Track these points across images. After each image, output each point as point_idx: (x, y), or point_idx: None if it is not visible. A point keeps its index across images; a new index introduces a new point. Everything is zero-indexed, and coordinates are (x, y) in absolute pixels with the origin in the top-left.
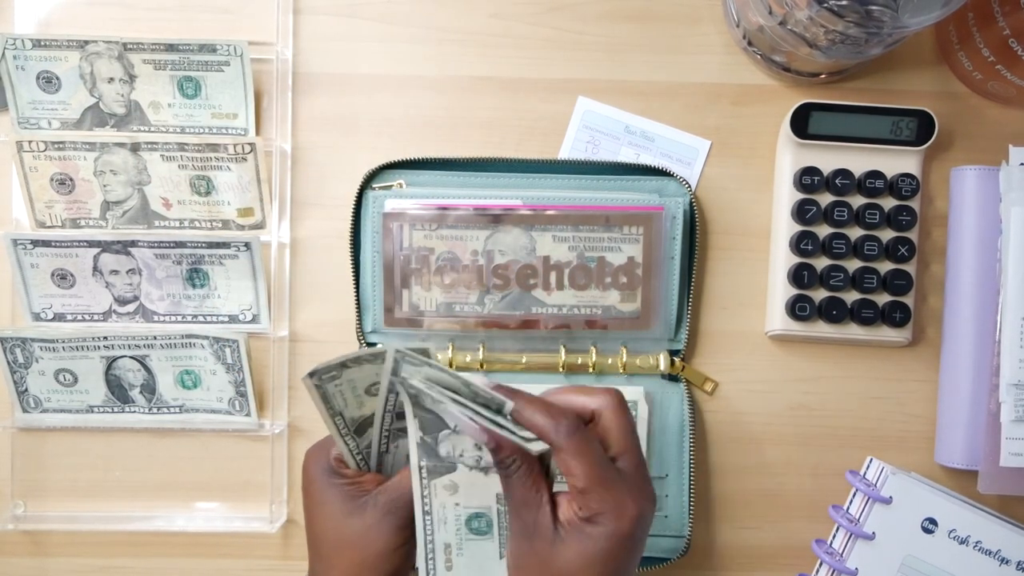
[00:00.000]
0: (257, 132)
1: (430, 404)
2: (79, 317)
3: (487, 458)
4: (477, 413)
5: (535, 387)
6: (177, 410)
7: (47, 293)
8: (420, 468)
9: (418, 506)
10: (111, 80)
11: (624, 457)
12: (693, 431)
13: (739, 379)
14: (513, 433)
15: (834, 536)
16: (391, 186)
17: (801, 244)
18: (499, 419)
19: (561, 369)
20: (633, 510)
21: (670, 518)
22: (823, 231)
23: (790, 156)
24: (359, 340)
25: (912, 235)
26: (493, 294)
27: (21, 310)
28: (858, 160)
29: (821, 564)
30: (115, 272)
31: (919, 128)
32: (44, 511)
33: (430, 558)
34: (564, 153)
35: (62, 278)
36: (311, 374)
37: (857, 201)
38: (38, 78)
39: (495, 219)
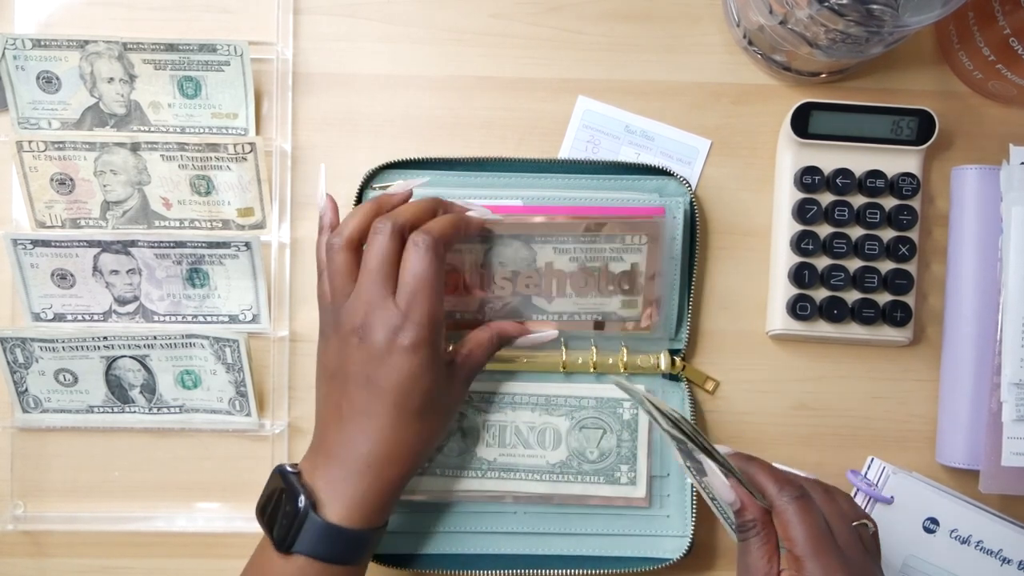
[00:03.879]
0: (257, 132)
1: (687, 448)
2: (79, 317)
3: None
4: (726, 468)
5: (536, 385)
6: (177, 410)
7: (47, 293)
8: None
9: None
10: (111, 80)
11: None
12: None
13: (740, 379)
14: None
15: None
16: (391, 186)
17: (802, 244)
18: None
19: (562, 368)
20: None
21: (672, 518)
22: (824, 231)
23: (790, 155)
24: None
25: (913, 234)
26: (493, 303)
27: (21, 310)
28: (859, 159)
29: None
30: (115, 272)
31: (920, 127)
32: (44, 511)
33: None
34: (564, 153)
35: (62, 278)
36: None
37: (858, 200)
38: (38, 78)
39: (495, 230)
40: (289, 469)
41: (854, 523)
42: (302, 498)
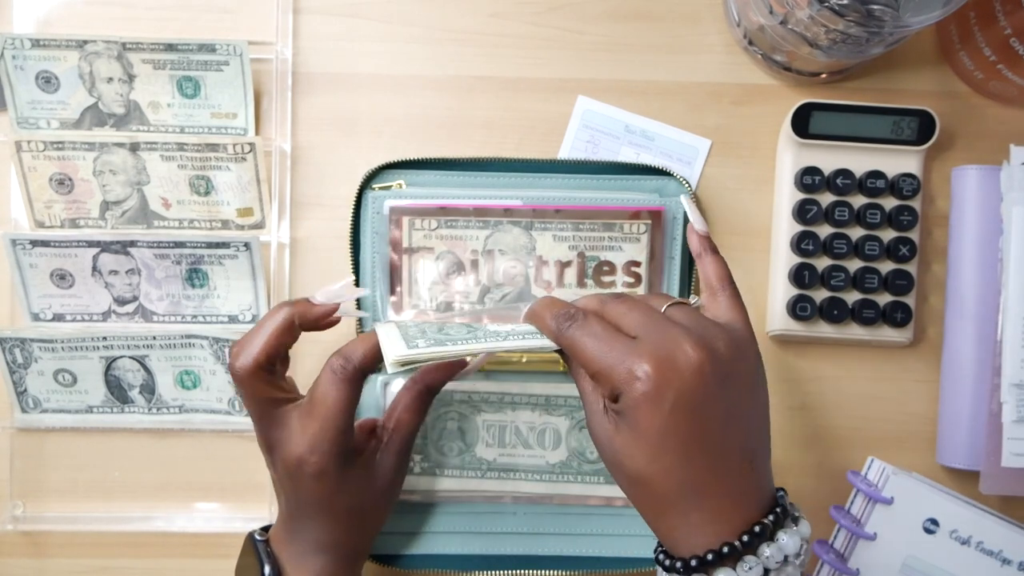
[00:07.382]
0: (257, 132)
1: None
2: (78, 317)
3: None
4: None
5: (536, 385)
6: (177, 410)
7: (46, 293)
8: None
9: None
10: (110, 80)
11: (631, 319)
12: None
13: None
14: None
15: (835, 537)
16: (391, 186)
17: (802, 244)
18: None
19: (561, 368)
20: (647, 367)
21: None
22: (824, 231)
23: (791, 156)
24: None
25: (913, 235)
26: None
27: (20, 310)
28: (859, 160)
29: (822, 565)
30: (114, 272)
31: (920, 128)
32: (43, 512)
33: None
34: (564, 153)
35: (61, 278)
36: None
37: (858, 201)
38: (37, 78)
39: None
40: (258, 537)
41: (665, 307)
42: (267, 568)
